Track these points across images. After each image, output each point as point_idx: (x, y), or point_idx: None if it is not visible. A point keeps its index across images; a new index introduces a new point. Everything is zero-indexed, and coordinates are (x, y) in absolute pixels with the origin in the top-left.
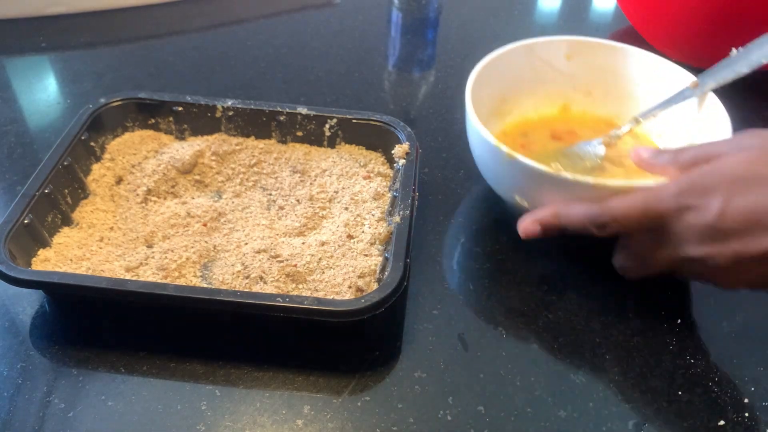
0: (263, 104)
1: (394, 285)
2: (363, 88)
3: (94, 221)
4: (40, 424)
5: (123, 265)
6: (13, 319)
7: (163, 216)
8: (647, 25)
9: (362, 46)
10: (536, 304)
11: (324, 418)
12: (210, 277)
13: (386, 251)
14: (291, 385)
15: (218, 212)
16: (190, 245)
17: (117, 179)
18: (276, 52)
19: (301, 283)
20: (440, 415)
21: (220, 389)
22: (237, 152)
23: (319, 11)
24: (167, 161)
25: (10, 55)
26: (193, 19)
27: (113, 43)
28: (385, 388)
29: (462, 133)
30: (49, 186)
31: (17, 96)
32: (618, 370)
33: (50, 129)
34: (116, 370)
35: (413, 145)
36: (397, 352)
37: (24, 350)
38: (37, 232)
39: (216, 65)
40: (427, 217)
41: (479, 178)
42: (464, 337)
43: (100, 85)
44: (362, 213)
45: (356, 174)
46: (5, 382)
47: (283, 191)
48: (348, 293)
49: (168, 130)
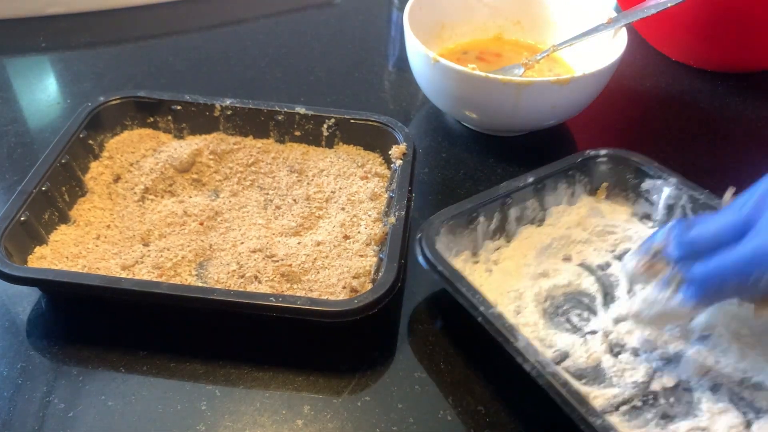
0: (261, 104)
1: (387, 286)
2: (363, 88)
3: (92, 219)
4: (40, 424)
5: (119, 263)
6: (13, 319)
7: (160, 214)
8: (647, 24)
9: (362, 46)
10: None
11: (324, 418)
12: (205, 276)
13: (381, 252)
14: (291, 385)
15: (215, 211)
16: (186, 244)
17: (115, 177)
18: (276, 52)
19: (295, 283)
20: (440, 415)
21: (220, 389)
22: (235, 151)
23: (319, 11)
24: (165, 160)
25: (11, 55)
26: (193, 19)
27: (113, 43)
28: (385, 388)
29: (462, 133)
30: (47, 183)
31: (17, 96)
32: None
33: (50, 129)
34: (116, 370)
35: (410, 145)
36: (397, 352)
37: (24, 350)
38: (33, 229)
39: (216, 65)
40: (426, 217)
41: (479, 178)
42: (464, 337)
43: (100, 84)
44: (359, 213)
45: (353, 174)
46: (5, 382)
47: (280, 191)
48: (342, 294)
49: (167, 129)
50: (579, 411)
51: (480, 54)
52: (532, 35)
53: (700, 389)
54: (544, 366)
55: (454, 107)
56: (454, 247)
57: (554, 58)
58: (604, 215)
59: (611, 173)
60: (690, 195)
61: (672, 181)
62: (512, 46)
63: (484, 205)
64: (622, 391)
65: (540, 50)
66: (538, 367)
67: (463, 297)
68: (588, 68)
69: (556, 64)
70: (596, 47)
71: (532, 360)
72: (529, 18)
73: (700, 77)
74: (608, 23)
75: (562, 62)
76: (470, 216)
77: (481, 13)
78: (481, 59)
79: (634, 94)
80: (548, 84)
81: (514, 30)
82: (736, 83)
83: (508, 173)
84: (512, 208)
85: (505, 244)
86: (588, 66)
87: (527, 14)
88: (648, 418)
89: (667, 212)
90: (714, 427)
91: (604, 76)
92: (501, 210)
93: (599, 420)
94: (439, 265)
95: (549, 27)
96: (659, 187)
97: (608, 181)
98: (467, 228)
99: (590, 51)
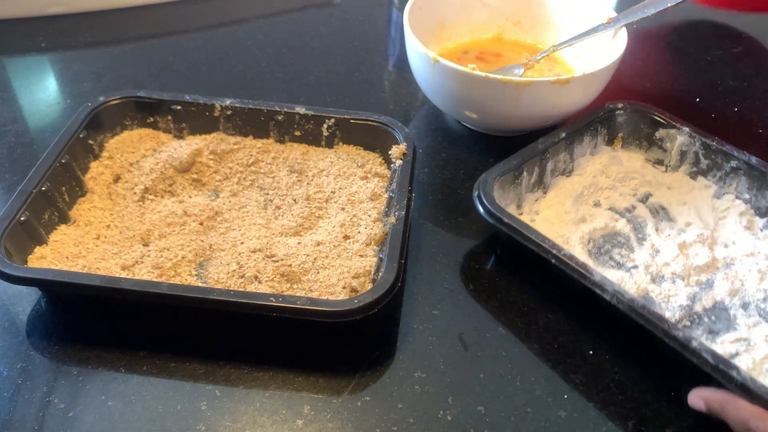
0: (261, 104)
1: (387, 286)
2: (363, 88)
3: (91, 219)
4: (40, 424)
5: (119, 263)
6: (14, 320)
7: (159, 214)
8: None
9: (362, 46)
10: (536, 304)
11: (324, 418)
12: (205, 276)
13: (381, 252)
14: (291, 385)
15: (215, 211)
16: (186, 244)
17: (115, 177)
18: (276, 52)
19: (295, 282)
20: (440, 415)
21: (220, 389)
22: (235, 151)
23: (319, 11)
24: (165, 160)
25: (11, 55)
26: (193, 19)
27: (113, 43)
28: (385, 388)
29: (462, 133)
30: (47, 183)
31: (17, 96)
32: (618, 369)
33: (50, 129)
34: (116, 370)
35: (410, 145)
36: (397, 352)
37: (24, 350)
38: (33, 229)
39: (216, 65)
40: (427, 217)
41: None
42: (464, 337)
43: (100, 85)
44: (358, 213)
45: (353, 174)
46: (5, 382)
47: (280, 191)
48: (342, 293)
49: (167, 129)
50: (662, 326)
51: (480, 54)
52: (532, 35)
53: (734, 308)
54: (623, 294)
55: (454, 107)
56: (502, 202)
57: (554, 58)
58: (623, 162)
59: (627, 124)
60: (702, 142)
61: (685, 130)
62: (512, 46)
63: (526, 160)
64: (672, 314)
65: (540, 50)
66: (617, 296)
67: (533, 243)
68: (588, 68)
69: (556, 64)
70: (596, 47)
71: (611, 290)
72: (529, 18)
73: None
74: (608, 23)
75: (563, 62)
76: (516, 171)
77: (481, 13)
78: (481, 59)
79: (633, 96)
80: (548, 84)
81: (514, 30)
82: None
83: None
84: (549, 161)
85: (542, 195)
86: (588, 66)
87: (527, 14)
88: (698, 334)
89: (680, 158)
90: (753, 337)
91: (605, 76)
92: (540, 164)
93: (680, 333)
94: (504, 216)
95: (549, 27)
96: (672, 135)
97: (623, 132)
98: (513, 183)
99: (590, 51)
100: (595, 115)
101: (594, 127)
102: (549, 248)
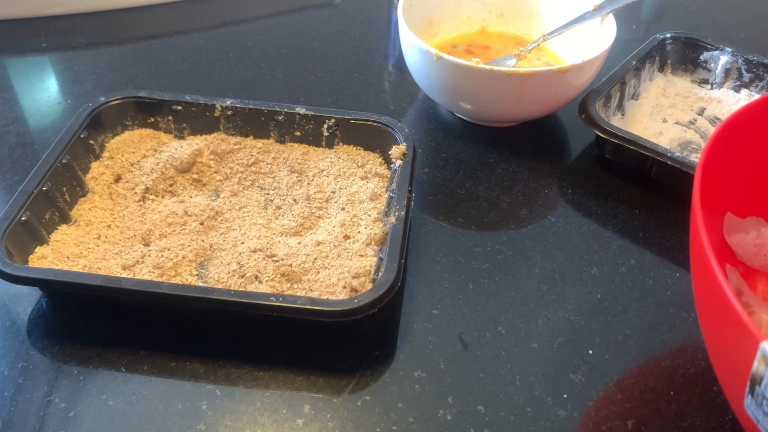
0: (262, 104)
1: (387, 285)
2: (363, 89)
3: (92, 219)
4: (40, 424)
5: (119, 263)
6: (14, 319)
7: (160, 214)
8: None
9: (362, 46)
10: (536, 304)
11: (324, 418)
12: (206, 276)
13: (381, 252)
14: (291, 385)
15: (215, 211)
16: (186, 244)
17: (116, 177)
18: (276, 52)
19: (296, 282)
20: (440, 414)
21: (221, 389)
22: (235, 151)
23: (319, 11)
24: (166, 160)
25: (11, 55)
26: (193, 19)
27: (113, 43)
28: (385, 388)
29: (462, 133)
30: (48, 183)
31: (18, 96)
32: (617, 369)
33: (51, 129)
34: (117, 370)
35: (410, 145)
36: (397, 352)
37: (25, 350)
38: (34, 229)
39: (216, 65)
40: (426, 217)
41: (479, 178)
42: (464, 337)
43: (101, 85)
44: (359, 213)
45: (354, 174)
46: (6, 381)
47: (280, 191)
48: (342, 293)
49: (167, 129)
50: None
51: (468, 47)
52: (515, 26)
53: None
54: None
55: (455, 102)
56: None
57: (540, 48)
58: (675, 84)
59: (674, 51)
60: (744, 58)
61: (727, 50)
62: (498, 37)
63: (610, 85)
64: None
65: (525, 41)
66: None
67: (641, 147)
68: (575, 55)
69: (543, 53)
70: (579, 35)
71: None
72: (512, 9)
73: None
74: (594, 11)
75: (548, 51)
76: (606, 95)
77: (466, 8)
78: (470, 52)
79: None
80: (551, 73)
81: (498, 22)
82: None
83: (507, 173)
84: (626, 86)
85: (621, 117)
86: (574, 53)
87: (510, 6)
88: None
89: (724, 75)
90: None
91: (600, 62)
92: (620, 89)
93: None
94: (620, 132)
95: (532, 18)
96: (716, 56)
97: (671, 59)
98: (603, 107)
99: (574, 39)
100: (652, 45)
101: (652, 55)
102: (655, 147)
